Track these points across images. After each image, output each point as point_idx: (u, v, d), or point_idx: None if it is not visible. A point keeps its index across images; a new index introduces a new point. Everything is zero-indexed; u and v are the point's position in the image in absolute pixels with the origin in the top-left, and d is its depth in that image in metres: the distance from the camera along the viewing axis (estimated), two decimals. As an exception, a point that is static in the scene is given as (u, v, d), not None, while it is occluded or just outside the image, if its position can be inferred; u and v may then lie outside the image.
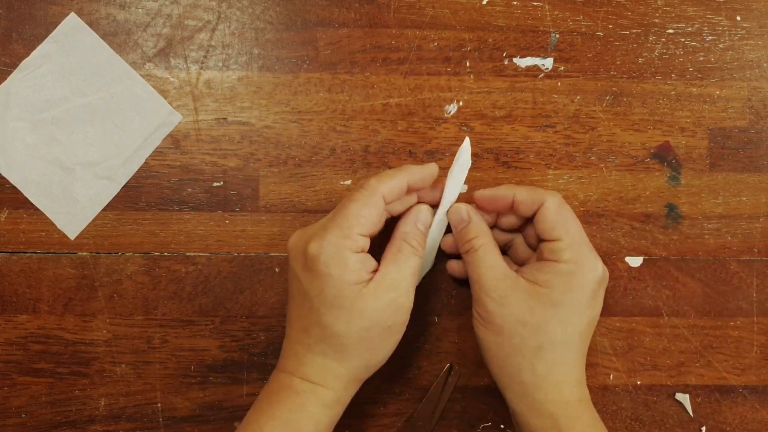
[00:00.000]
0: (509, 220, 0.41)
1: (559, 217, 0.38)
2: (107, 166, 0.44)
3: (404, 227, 0.39)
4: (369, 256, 0.37)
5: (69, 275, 0.44)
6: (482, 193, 0.40)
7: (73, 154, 0.44)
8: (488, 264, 0.38)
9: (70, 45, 0.44)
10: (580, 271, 0.37)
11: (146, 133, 0.44)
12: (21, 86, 0.44)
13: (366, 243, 0.37)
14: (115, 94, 0.44)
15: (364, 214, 0.37)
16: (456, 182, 0.41)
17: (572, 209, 0.39)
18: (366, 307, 0.36)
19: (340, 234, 0.36)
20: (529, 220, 0.41)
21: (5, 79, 0.44)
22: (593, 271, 0.38)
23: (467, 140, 0.41)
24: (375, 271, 0.37)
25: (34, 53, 0.44)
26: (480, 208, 0.41)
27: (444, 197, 0.40)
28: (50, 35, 0.44)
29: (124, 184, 0.44)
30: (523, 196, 0.39)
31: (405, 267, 0.37)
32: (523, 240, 0.42)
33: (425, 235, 0.40)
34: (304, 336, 0.37)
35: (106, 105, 0.44)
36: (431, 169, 0.40)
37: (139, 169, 0.44)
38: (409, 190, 0.39)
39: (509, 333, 0.37)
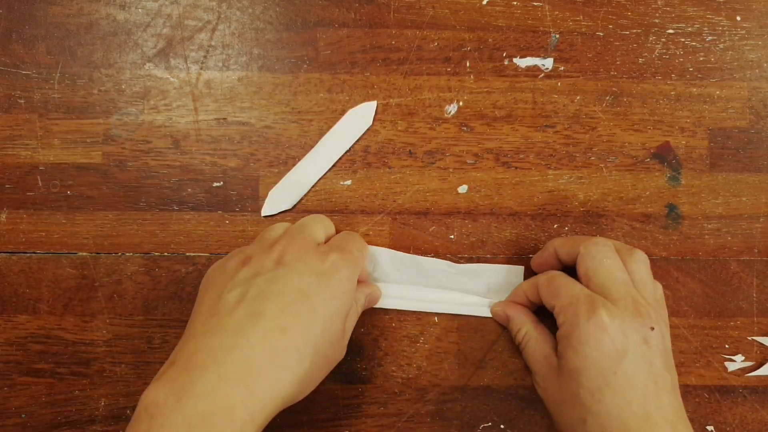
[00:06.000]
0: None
1: (560, 281, 0.39)
2: None
3: None
4: None
5: (69, 275, 0.44)
6: (534, 261, 0.43)
7: None
8: (530, 350, 0.40)
9: None
10: (575, 331, 0.36)
11: None
12: None
13: None
14: None
15: None
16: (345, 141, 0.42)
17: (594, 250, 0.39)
18: None
19: None
20: None
21: (5, 78, 0.44)
22: (587, 325, 0.35)
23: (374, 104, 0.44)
24: None
25: None
26: (539, 271, 0.43)
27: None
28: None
29: None
30: (562, 249, 0.41)
31: None
32: None
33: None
34: None
35: None
36: None
37: (139, 169, 0.44)
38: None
39: (555, 411, 0.38)
